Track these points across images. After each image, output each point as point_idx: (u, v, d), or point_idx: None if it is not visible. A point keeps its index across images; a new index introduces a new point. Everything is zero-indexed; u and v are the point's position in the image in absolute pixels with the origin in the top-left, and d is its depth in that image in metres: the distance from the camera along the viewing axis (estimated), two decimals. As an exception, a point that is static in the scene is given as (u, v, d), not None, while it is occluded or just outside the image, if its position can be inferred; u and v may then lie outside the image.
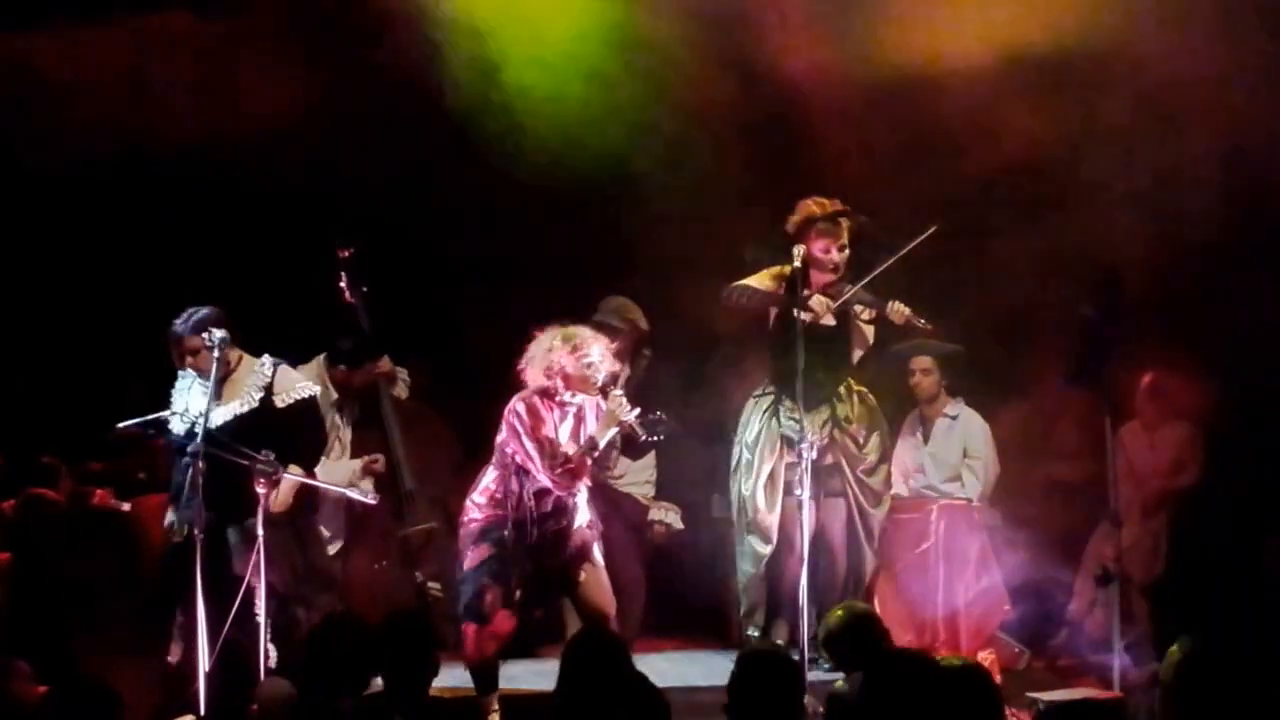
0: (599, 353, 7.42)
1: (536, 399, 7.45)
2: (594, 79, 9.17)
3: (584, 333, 7.49)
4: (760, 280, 8.36)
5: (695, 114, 9.29)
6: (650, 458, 8.97)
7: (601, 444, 7.42)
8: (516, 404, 7.45)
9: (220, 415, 7.52)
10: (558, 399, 7.44)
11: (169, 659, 7.40)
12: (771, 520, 8.42)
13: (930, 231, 8.06)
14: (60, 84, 9.01)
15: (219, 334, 7.46)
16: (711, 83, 9.15)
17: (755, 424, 8.52)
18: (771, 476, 8.44)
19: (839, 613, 6.36)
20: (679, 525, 8.97)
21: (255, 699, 6.63)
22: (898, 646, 6.40)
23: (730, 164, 9.42)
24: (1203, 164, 8.67)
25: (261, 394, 7.64)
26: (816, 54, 9.00)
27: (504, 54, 9.20)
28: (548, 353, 7.42)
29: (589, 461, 7.43)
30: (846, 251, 8.32)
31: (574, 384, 7.41)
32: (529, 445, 7.37)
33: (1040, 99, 8.84)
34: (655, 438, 8.51)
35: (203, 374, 7.55)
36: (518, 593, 7.42)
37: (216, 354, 7.43)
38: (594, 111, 9.20)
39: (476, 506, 7.51)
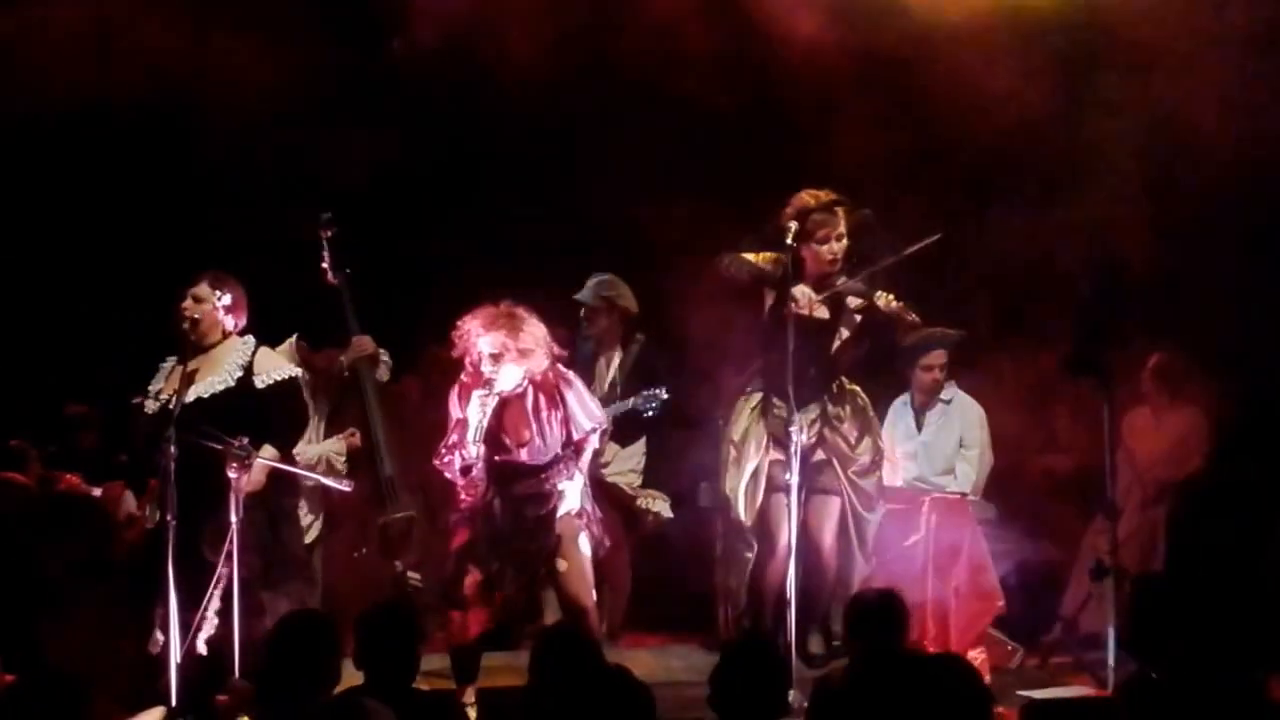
0: (493, 343, 7.24)
1: (464, 381, 7.39)
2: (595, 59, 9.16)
3: (487, 317, 7.31)
4: (756, 257, 8.27)
5: (695, 95, 9.22)
6: (639, 446, 8.96)
7: (470, 435, 7.27)
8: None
9: (196, 392, 7.38)
10: (484, 381, 7.31)
11: (152, 649, 7.24)
12: (752, 524, 8.33)
13: (933, 239, 7.98)
14: (31, 54, 8.86)
15: (227, 298, 7.52)
16: (710, 59, 9.09)
17: (743, 421, 8.40)
18: (755, 475, 8.33)
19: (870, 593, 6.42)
20: (668, 514, 8.92)
21: (226, 691, 6.59)
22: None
23: (729, 148, 9.42)
24: (1208, 141, 8.56)
25: (240, 373, 7.52)
26: (815, 30, 8.92)
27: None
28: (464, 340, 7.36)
29: (462, 448, 7.31)
30: (845, 242, 8.20)
31: (475, 376, 7.32)
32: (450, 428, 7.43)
33: (1041, 75, 8.77)
34: (648, 412, 8.62)
35: (183, 330, 7.46)
36: (496, 577, 7.40)
37: (207, 307, 7.47)
38: (590, 91, 9.25)
39: (463, 489, 7.48)
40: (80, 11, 8.81)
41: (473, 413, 7.31)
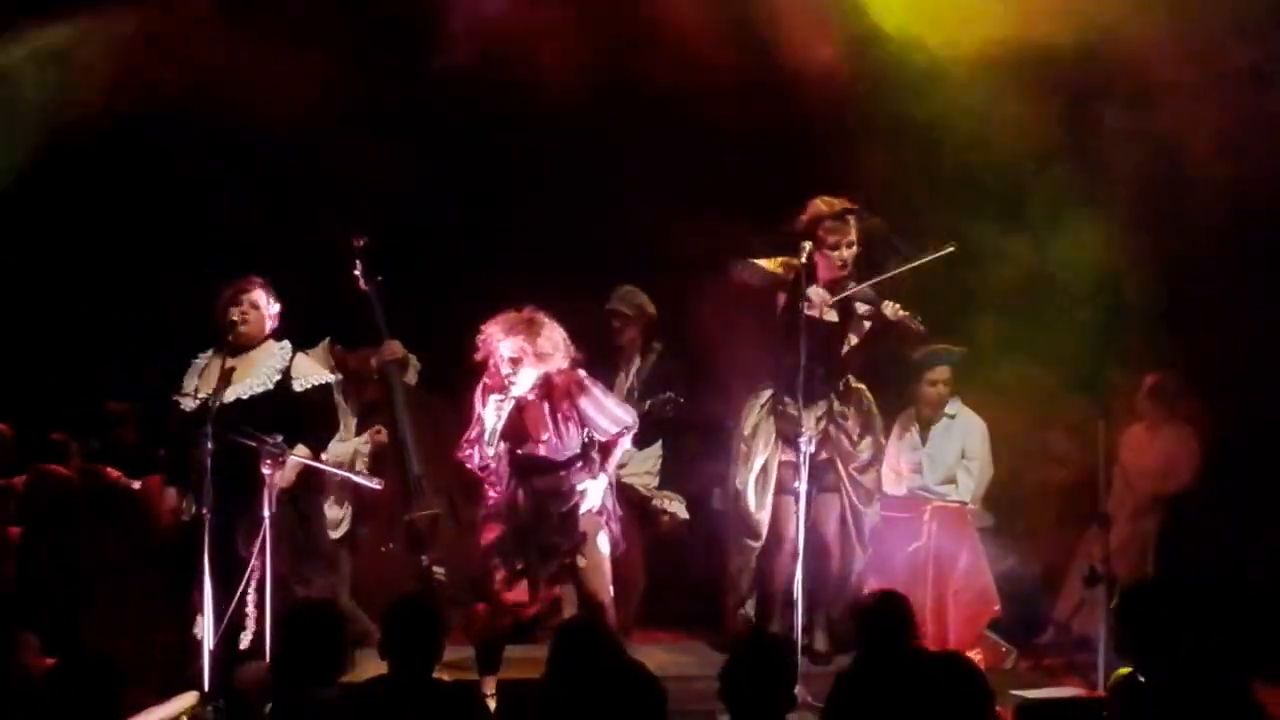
0: (512, 348, 7.38)
1: (487, 382, 7.53)
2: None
3: (507, 323, 7.45)
4: (769, 263, 8.43)
5: (707, 106, 9.33)
6: (655, 448, 9.07)
7: (486, 436, 7.44)
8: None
9: (235, 392, 7.61)
10: (502, 385, 7.46)
11: (195, 633, 7.42)
12: (760, 517, 8.52)
13: (946, 251, 8.13)
14: (75, 65, 9.05)
15: (275, 307, 7.78)
16: (724, 73, 9.17)
17: (753, 417, 8.61)
18: (764, 470, 8.52)
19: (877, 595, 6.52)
20: (684, 514, 9.01)
21: (234, 682, 6.71)
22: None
23: (744, 159, 9.53)
24: (1206, 171, 8.67)
25: (279, 377, 7.74)
26: (833, 56, 9.07)
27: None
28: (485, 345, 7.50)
29: (480, 445, 7.47)
30: (855, 249, 8.37)
31: (496, 378, 7.48)
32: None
33: (1048, 104, 8.87)
34: (662, 414, 8.73)
35: (227, 333, 7.69)
36: (523, 572, 7.53)
37: (260, 314, 7.73)
38: (614, 109, 9.33)
39: (491, 486, 7.63)
40: (127, 25, 8.98)
41: (489, 416, 7.47)
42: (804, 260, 8.11)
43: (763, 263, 8.40)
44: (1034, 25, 8.55)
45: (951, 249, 8.15)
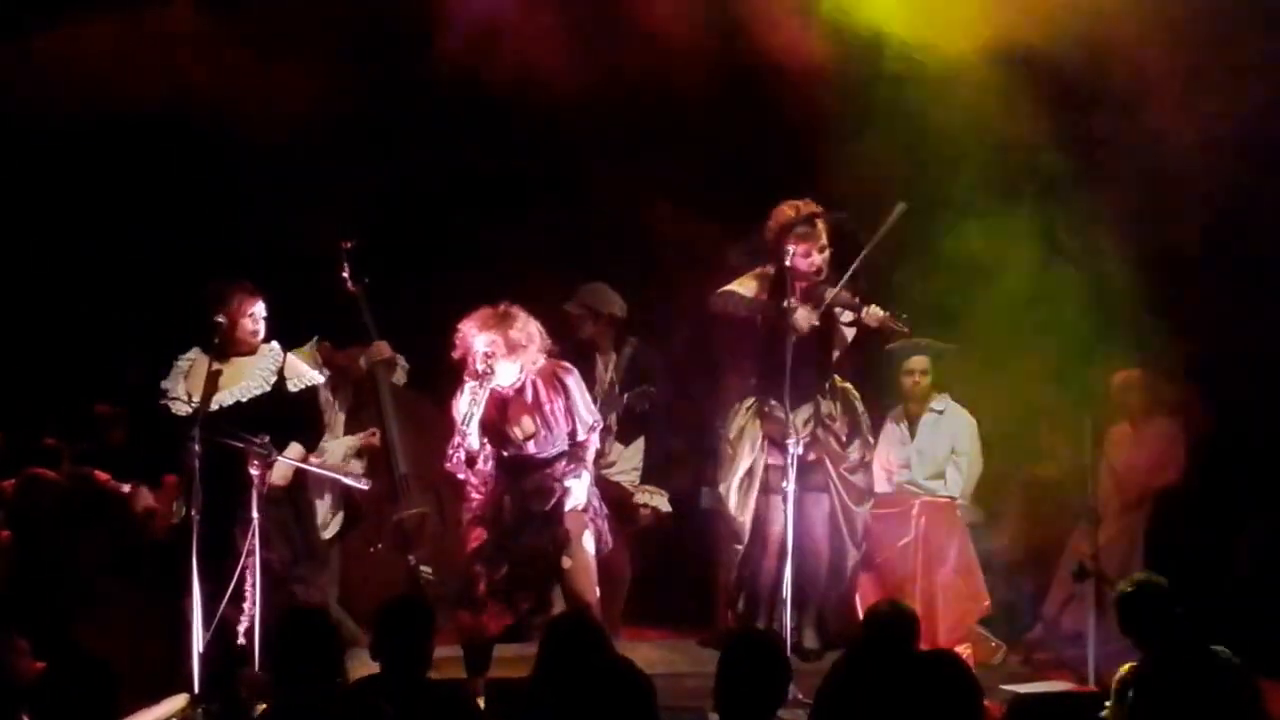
0: (485, 341, 7.42)
1: (469, 381, 7.53)
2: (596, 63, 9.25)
3: (481, 318, 7.49)
4: (744, 285, 8.46)
5: (689, 102, 9.36)
6: (639, 444, 9.09)
7: (466, 425, 7.45)
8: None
9: (229, 396, 7.63)
10: (483, 381, 7.48)
11: (186, 635, 7.36)
12: (743, 520, 8.55)
13: (899, 211, 8.13)
14: (66, 70, 9.07)
15: (264, 316, 7.76)
16: (707, 68, 9.19)
17: (739, 420, 8.64)
18: (749, 473, 8.55)
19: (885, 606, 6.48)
20: (666, 508, 9.05)
21: (240, 682, 6.79)
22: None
23: (727, 155, 9.56)
24: (1193, 172, 8.67)
25: (275, 378, 7.77)
26: (818, 55, 9.06)
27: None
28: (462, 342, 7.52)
29: (464, 441, 7.49)
30: (827, 252, 8.39)
31: (469, 372, 7.50)
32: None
33: (1028, 94, 8.87)
34: (639, 408, 8.78)
35: (219, 338, 7.66)
36: (504, 581, 7.55)
37: (260, 326, 7.73)
38: (595, 95, 9.29)
39: (473, 488, 7.64)
40: (117, 31, 9.03)
41: (464, 404, 7.48)
42: (788, 264, 8.16)
43: (738, 288, 8.45)
44: (1024, 25, 8.57)
45: (903, 207, 8.15)
